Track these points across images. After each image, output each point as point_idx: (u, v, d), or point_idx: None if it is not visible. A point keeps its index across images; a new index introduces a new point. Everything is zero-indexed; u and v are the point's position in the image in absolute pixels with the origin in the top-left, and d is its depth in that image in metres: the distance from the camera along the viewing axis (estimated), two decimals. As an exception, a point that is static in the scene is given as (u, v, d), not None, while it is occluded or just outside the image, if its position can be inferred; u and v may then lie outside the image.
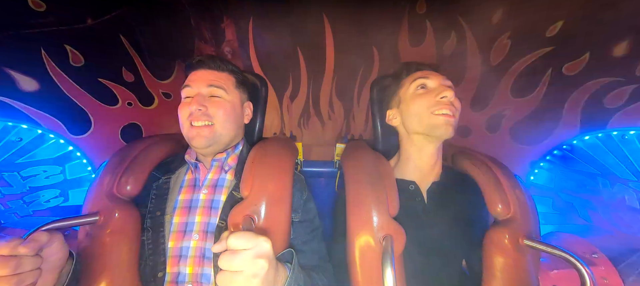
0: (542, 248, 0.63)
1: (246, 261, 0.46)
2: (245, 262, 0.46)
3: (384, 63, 1.75)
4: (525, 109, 1.42)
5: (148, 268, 0.67)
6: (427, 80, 0.79)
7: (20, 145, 1.16)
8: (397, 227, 0.67)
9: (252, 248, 0.47)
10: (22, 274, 0.48)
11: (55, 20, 1.15)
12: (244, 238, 0.48)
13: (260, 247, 0.48)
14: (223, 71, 0.80)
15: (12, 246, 0.48)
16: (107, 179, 0.70)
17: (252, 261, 0.47)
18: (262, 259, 0.48)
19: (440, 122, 0.74)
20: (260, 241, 0.49)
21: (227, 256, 0.47)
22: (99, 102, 1.34)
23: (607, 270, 0.84)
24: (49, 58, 1.16)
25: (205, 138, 0.73)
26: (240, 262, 0.46)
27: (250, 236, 0.48)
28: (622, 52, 1.09)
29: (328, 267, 0.78)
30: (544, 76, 1.33)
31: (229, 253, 0.47)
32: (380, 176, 0.74)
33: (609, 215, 1.18)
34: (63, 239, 0.57)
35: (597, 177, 1.20)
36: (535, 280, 0.70)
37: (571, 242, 0.99)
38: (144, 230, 0.69)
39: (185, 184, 0.76)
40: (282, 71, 1.81)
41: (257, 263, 0.47)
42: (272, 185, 0.69)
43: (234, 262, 0.46)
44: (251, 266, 0.47)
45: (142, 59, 1.48)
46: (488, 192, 0.74)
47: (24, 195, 1.22)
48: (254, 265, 0.47)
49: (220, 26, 1.63)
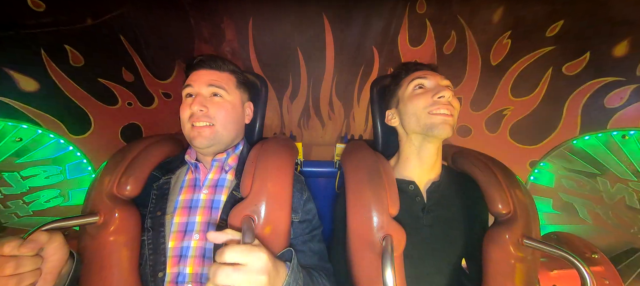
0: (542, 248, 0.63)
1: (246, 277, 0.46)
2: (245, 279, 0.46)
3: (384, 62, 1.75)
4: (525, 109, 1.42)
5: (148, 268, 0.67)
6: (425, 80, 0.79)
7: (20, 145, 1.16)
8: (397, 227, 0.67)
9: (250, 263, 0.47)
10: (22, 274, 0.48)
11: (55, 21, 1.15)
12: (241, 252, 0.47)
13: (259, 262, 0.48)
14: (224, 71, 0.79)
15: (12, 246, 0.48)
16: (107, 179, 0.69)
17: (251, 277, 0.46)
18: (262, 275, 0.47)
19: (438, 121, 0.74)
20: (259, 256, 0.48)
21: (224, 270, 0.46)
22: (99, 102, 1.35)
23: (607, 270, 0.84)
24: (49, 58, 1.16)
25: (207, 138, 0.73)
26: (239, 278, 0.45)
27: (248, 250, 0.47)
28: (622, 52, 1.09)
29: (328, 267, 0.78)
30: (544, 76, 1.33)
31: (227, 267, 0.46)
32: (380, 176, 0.74)
33: (609, 215, 1.18)
34: (63, 239, 0.57)
35: (597, 177, 1.20)
36: (535, 280, 0.70)
37: (571, 242, 0.99)
38: (144, 230, 0.69)
39: (186, 184, 0.76)
40: (282, 71, 1.82)
41: (256, 280, 0.46)
42: (272, 185, 0.69)
43: (231, 277, 0.45)
44: (250, 282, 0.46)
45: (142, 59, 1.49)
46: (488, 192, 0.74)
47: (23, 195, 1.22)
48: (253, 282, 0.46)
49: (221, 26, 1.63)
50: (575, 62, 1.22)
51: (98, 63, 1.31)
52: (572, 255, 0.58)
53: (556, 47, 1.26)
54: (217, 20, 1.60)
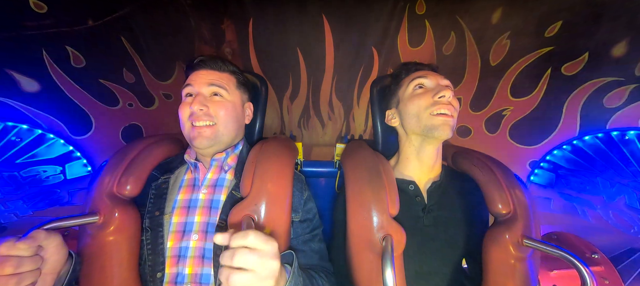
0: (542, 248, 0.63)
1: (261, 261, 0.46)
2: (260, 262, 0.45)
3: (384, 63, 1.75)
4: (525, 109, 1.42)
5: (147, 268, 0.67)
6: (425, 80, 0.79)
7: (20, 145, 1.16)
8: (397, 227, 0.67)
9: (265, 250, 0.47)
10: (21, 274, 0.48)
11: (56, 22, 1.15)
12: (260, 238, 0.47)
13: (273, 249, 0.48)
14: (224, 71, 0.80)
15: (11, 246, 0.48)
16: (107, 179, 0.69)
17: (267, 261, 0.46)
18: (275, 261, 0.47)
19: (438, 122, 0.74)
20: (273, 243, 0.48)
21: (242, 253, 0.45)
22: (99, 103, 1.35)
23: (607, 270, 0.84)
24: (50, 59, 1.17)
25: (207, 138, 0.73)
26: (254, 261, 0.45)
27: (265, 237, 0.47)
28: (621, 52, 1.09)
29: (328, 267, 0.78)
30: (543, 76, 1.33)
31: (244, 249, 0.46)
32: (380, 176, 0.74)
33: (609, 215, 1.18)
34: (62, 239, 0.57)
35: (597, 176, 1.20)
36: (535, 280, 0.70)
37: (571, 242, 0.99)
38: (143, 230, 0.69)
39: (185, 184, 0.76)
40: (282, 72, 1.82)
41: (271, 264, 0.47)
42: (272, 184, 0.69)
43: (248, 260, 0.45)
44: (265, 266, 0.46)
45: (143, 60, 1.49)
46: (488, 192, 0.74)
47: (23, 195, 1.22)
48: (269, 266, 0.46)
49: (221, 27, 1.64)
50: (574, 62, 1.22)
51: (99, 64, 1.32)
52: (572, 255, 0.58)
53: (555, 47, 1.26)
54: (218, 21, 1.61)
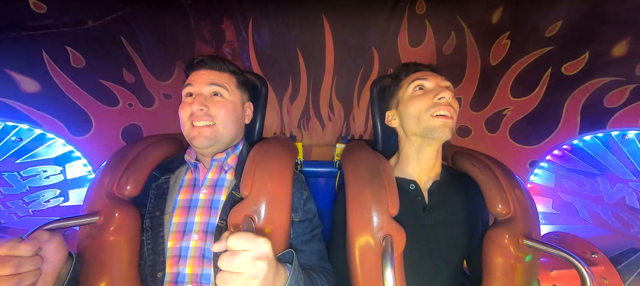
0: (542, 248, 0.63)
1: (246, 262, 0.46)
2: (245, 263, 0.46)
3: (384, 63, 1.75)
4: (525, 109, 1.42)
5: (148, 268, 0.67)
6: (425, 81, 0.79)
7: (20, 145, 1.16)
8: (397, 227, 0.67)
9: (251, 250, 0.47)
10: (22, 274, 0.48)
11: (56, 22, 1.15)
12: (244, 239, 0.48)
13: (259, 248, 0.48)
14: (224, 71, 0.80)
15: (12, 246, 0.48)
16: (107, 179, 0.70)
17: (251, 262, 0.47)
18: (262, 261, 0.48)
19: (438, 124, 0.74)
20: (260, 243, 0.49)
21: (226, 257, 0.47)
22: (99, 103, 1.35)
23: (607, 270, 0.84)
24: (50, 59, 1.17)
25: (207, 138, 0.73)
26: (240, 263, 0.46)
27: (250, 237, 0.48)
28: (621, 52, 1.09)
29: (328, 267, 0.78)
30: (543, 76, 1.33)
31: (229, 253, 0.47)
32: (380, 176, 0.74)
33: (609, 215, 1.18)
34: (62, 239, 0.57)
35: (597, 176, 1.20)
36: (536, 280, 0.70)
37: (571, 242, 0.99)
38: (144, 230, 0.69)
39: (185, 184, 0.76)
40: (282, 72, 1.82)
41: (256, 265, 0.47)
42: (272, 185, 0.69)
43: (233, 263, 0.46)
44: (251, 267, 0.47)
45: (143, 60, 1.49)
46: (488, 192, 0.74)
47: (23, 195, 1.22)
48: (254, 267, 0.47)
49: (221, 27, 1.64)
50: (574, 62, 1.22)
51: (99, 64, 1.32)
52: (572, 255, 0.58)
53: (555, 47, 1.26)
54: (217, 21, 1.61)
